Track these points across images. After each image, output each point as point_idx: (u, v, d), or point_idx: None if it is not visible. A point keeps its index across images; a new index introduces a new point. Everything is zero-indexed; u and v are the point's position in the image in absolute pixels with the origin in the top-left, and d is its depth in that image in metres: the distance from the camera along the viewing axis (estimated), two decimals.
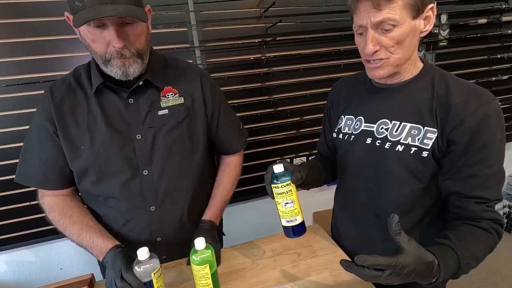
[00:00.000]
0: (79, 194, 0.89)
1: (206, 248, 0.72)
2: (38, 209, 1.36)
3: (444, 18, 1.68)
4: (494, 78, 1.86)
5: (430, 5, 0.63)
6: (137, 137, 0.80)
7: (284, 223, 0.72)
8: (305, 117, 1.63)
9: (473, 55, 1.80)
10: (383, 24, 0.62)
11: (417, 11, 0.62)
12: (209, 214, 0.90)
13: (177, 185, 0.85)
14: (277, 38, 1.47)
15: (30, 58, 1.26)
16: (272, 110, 1.58)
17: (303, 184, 0.78)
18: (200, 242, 0.71)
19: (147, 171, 0.82)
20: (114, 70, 0.72)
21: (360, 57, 0.71)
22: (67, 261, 1.55)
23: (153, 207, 0.84)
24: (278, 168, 0.71)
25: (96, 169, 0.79)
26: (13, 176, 1.30)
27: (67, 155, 0.79)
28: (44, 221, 1.40)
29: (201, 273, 0.70)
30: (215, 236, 0.85)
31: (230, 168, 0.97)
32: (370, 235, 0.80)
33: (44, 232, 1.43)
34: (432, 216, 0.74)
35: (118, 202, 0.82)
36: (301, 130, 1.65)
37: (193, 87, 0.86)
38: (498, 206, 0.68)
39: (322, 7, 1.51)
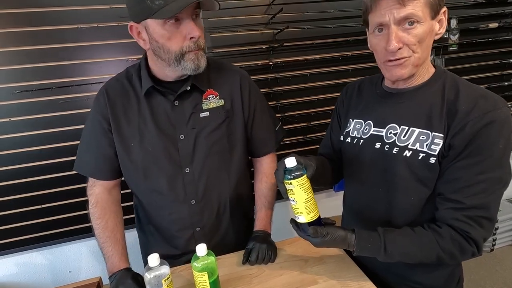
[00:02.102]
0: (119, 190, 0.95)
1: (208, 254, 0.72)
2: (49, 212, 1.42)
3: (454, 22, 1.66)
4: (506, 83, 1.83)
5: (444, 9, 0.64)
6: (180, 137, 0.85)
7: (303, 220, 0.67)
8: (312, 123, 1.62)
9: (484, 60, 1.78)
10: (406, 21, 0.61)
11: (435, 11, 0.62)
12: (258, 225, 0.95)
13: (215, 182, 0.90)
14: (285, 44, 1.48)
15: (44, 64, 1.30)
16: (279, 115, 1.58)
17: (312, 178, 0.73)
18: (201, 249, 0.71)
19: (188, 169, 0.86)
20: (188, 65, 0.76)
21: (367, 62, 0.71)
22: (75, 264, 1.57)
23: (194, 201, 0.89)
24: (291, 162, 0.65)
25: (144, 166, 0.85)
26: (25, 180, 1.36)
27: (118, 150, 0.86)
28: (54, 224, 1.44)
29: (200, 280, 0.71)
30: (269, 240, 0.91)
31: (267, 177, 0.99)
32: None
33: (54, 235, 1.45)
34: None
35: (163, 196, 0.88)
36: (308, 136, 1.64)
37: (233, 88, 0.89)
38: (506, 216, 0.65)
39: (329, 12, 1.51)
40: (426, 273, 0.75)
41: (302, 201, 0.65)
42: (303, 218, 0.66)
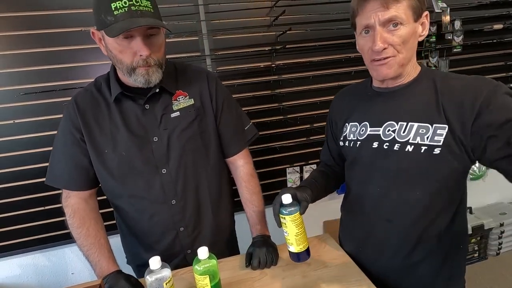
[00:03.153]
0: (97, 197, 0.94)
1: (210, 258, 0.71)
2: (52, 213, 1.42)
3: (458, 24, 1.65)
4: None
5: (425, 12, 0.68)
6: (154, 139, 0.86)
7: (293, 250, 0.74)
8: (315, 125, 1.62)
9: (489, 62, 1.76)
10: (390, 22, 0.65)
11: (418, 14, 0.66)
12: (254, 231, 0.96)
13: (193, 180, 0.90)
14: (287, 46, 1.48)
15: (48, 67, 1.31)
16: (281, 117, 1.58)
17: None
18: (203, 252, 0.70)
19: (165, 169, 0.87)
20: (139, 79, 0.78)
21: None
22: (78, 266, 1.57)
23: (174, 200, 0.89)
24: (286, 199, 0.73)
25: (120, 171, 0.86)
26: (28, 181, 1.37)
27: (92, 158, 0.85)
28: (58, 226, 1.44)
29: (201, 283, 0.70)
30: (269, 242, 0.92)
31: (245, 181, 0.99)
32: (381, 241, 0.78)
33: (57, 236, 1.46)
34: (449, 219, 0.72)
35: (142, 199, 0.88)
36: (310, 138, 1.63)
37: (201, 87, 0.91)
38: None
39: (331, 14, 1.51)
40: (430, 272, 0.74)
41: (293, 234, 0.73)
42: (293, 248, 0.74)
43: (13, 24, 1.25)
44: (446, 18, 1.61)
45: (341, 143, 0.85)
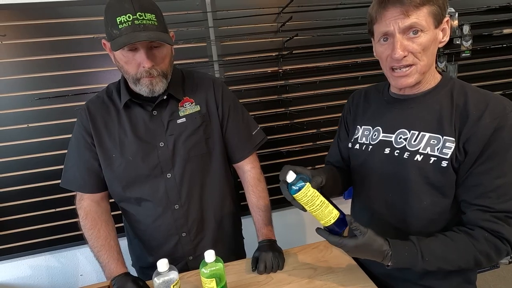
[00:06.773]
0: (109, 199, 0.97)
1: (216, 261, 0.72)
2: (62, 215, 1.45)
3: (466, 28, 1.64)
4: None
5: (446, 18, 0.66)
6: (160, 145, 0.88)
7: (321, 225, 0.68)
8: (321, 130, 1.62)
9: (498, 66, 1.74)
10: (410, 30, 0.64)
11: (439, 20, 0.65)
12: (260, 236, 0.96)
13: (197, 185, 0.92)
14: (294, 52, 1.49)
15: (61, 73, 1.35)
16: (288, 122, 1.58)
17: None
18: (209, 255, 0.71)
19: (170, 174, 0.89)
20: (143, 89, 0.82)
21: (377, 69, 0.72)
22: (87, 267, 1.60)
23: (177, 205, 0.91)
24: (290, 176, 0.66)
25: (126, 175, 0.88)
26: (40, 184, 1.40)
27: (101, 162, 0.89)
28: (68, 228, 1.47)
29: (208, 286, 0.71)
30: (275, 247, 0.91)
31: (252, 185, 0.99)
32: None
33: (67, 238, 1.49)
34: (455, 225, 0.71)
35: (147, 202, 0.90)
36: (317, 142, 1.63)
37: (207, 94, 0.93)
38: None
39: (338, 20, 1.52)
40: (439, 278, 0.74)
41: (310, 211, 0.67)
42: (321, 224, 0.68)
43: (28, 31, 1.30)
44: (455, 23, 1.61)
45: (350, 145, 0.85)
